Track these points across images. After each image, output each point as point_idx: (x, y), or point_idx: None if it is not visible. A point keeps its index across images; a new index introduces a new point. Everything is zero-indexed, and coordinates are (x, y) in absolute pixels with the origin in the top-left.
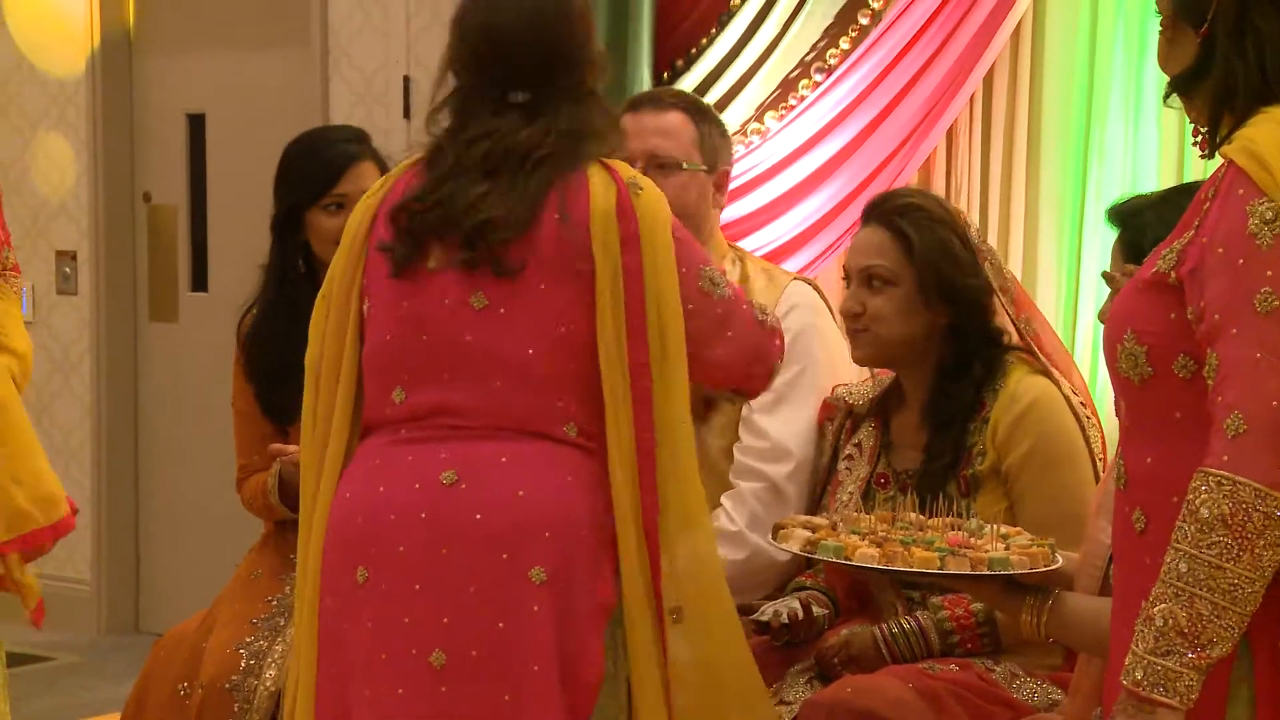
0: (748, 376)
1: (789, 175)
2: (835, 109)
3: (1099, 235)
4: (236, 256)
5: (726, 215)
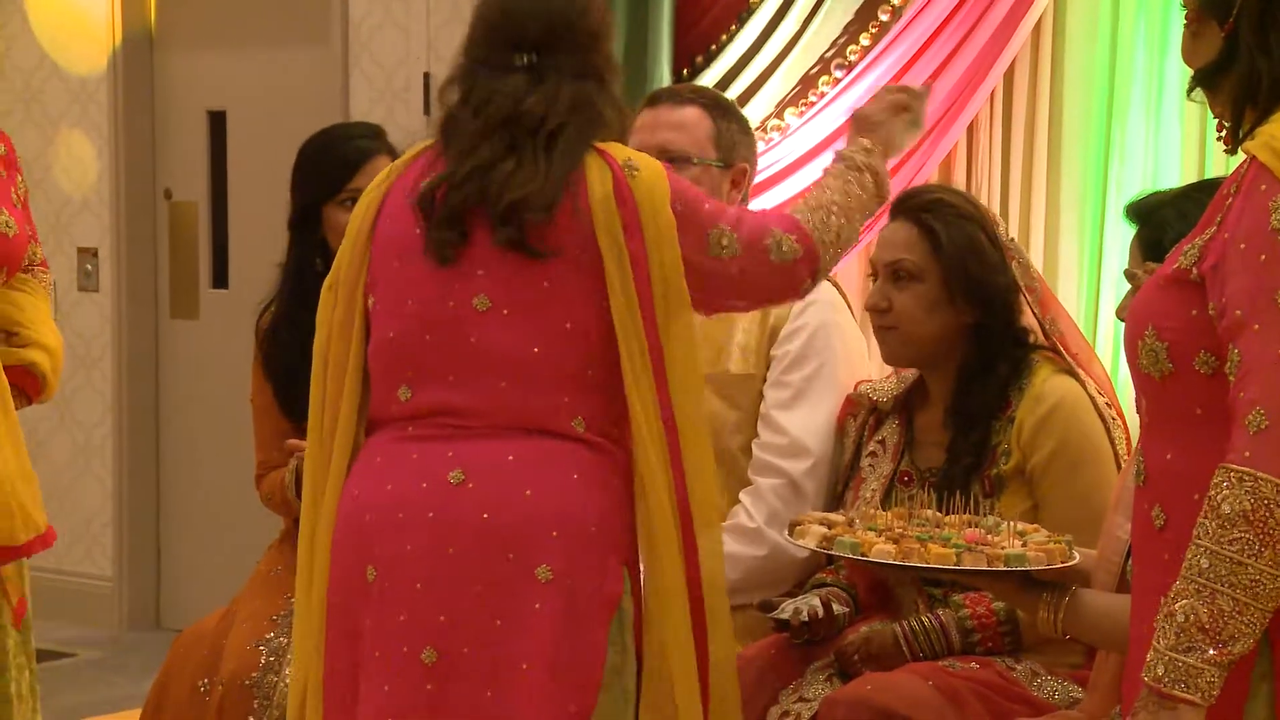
0: (778, 304)
1: (809, 171)
2: (855, 106)
3: (1120, 233)
4: (257, 253)
5: None
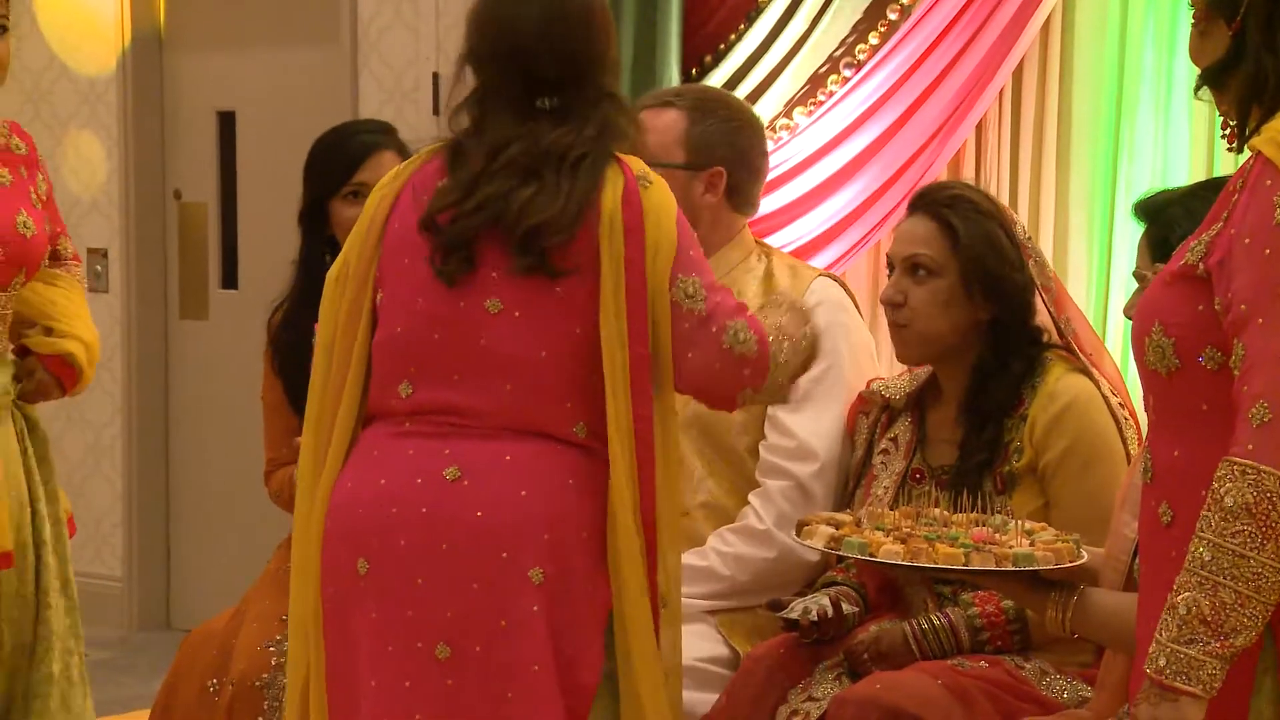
0: (707, 397)
1: (818, 171)
2: (864, 105)
3: (1129, 231)
4: (267, 254)
5: None
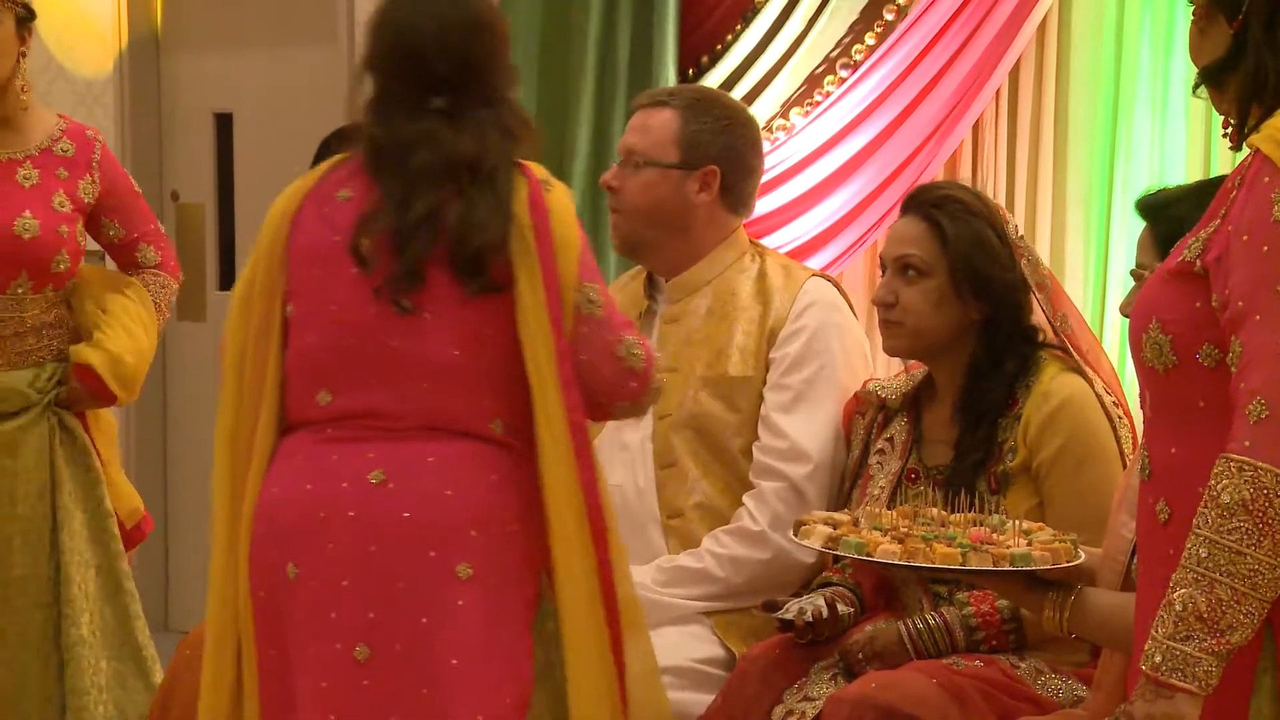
0: (587, 402)
1: (814, 171)
2: (860, 105)
3: (1126, 231)
4: None
5: None
